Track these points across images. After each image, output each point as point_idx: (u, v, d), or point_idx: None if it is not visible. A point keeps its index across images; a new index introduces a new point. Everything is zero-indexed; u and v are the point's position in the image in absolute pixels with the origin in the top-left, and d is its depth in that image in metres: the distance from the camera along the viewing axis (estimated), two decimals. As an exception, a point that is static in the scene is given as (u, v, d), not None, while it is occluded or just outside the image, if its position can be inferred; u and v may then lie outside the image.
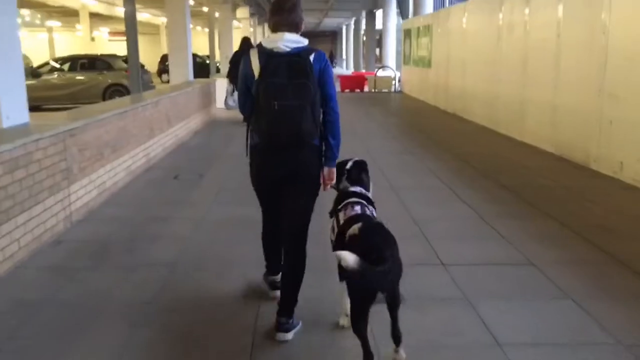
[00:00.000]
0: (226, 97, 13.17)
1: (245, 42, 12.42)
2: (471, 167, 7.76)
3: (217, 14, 20.40)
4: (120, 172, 6.44)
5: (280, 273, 3.38)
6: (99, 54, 19.00)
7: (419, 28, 18.82)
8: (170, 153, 8.67)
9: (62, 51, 36.28)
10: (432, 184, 6.85)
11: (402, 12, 29.59)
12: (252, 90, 3.05)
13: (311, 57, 3.02)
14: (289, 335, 3.12)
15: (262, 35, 37.22)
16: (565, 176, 7.22)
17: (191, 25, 12.44)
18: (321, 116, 3.12)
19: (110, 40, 44.39)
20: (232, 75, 12.20)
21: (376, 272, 2.53)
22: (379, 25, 35.48)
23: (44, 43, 44.79)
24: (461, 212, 5.61)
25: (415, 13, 20.61)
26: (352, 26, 46.07)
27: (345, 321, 3.17)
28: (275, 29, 3.10)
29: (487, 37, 11.71)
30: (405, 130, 11.75)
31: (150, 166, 7.65)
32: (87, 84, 15.87)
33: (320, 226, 3.75)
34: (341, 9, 35.08)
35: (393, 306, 2.73)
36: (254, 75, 3.03)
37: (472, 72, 12.80)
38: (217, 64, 21.16)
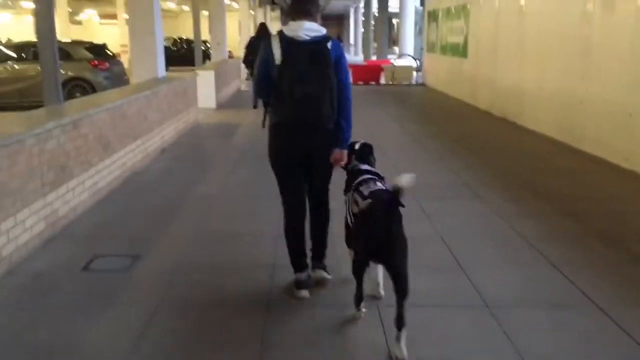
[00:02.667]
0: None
1: (263, 28, 11.90)
2: (598, 234, 4.62)
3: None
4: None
5: (305, 271, 3.52)
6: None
7: (449, 9, 15.57)
8: (102, 200, 5.55)
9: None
10: (557, 287, 3.71)
11: (421, -8, 26.24)
12: (272, 75, 3.21)
13: (328, 45, 3.22)
14: (327, 274, 3.55)
15: (264, 18, 33.91)
16: None
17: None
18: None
19: (102, 24, 40.99)
20: (247, 60, 11.83)
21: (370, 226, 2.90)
22: (392, 7, 32.18)
23: (30, 27, 41.57)
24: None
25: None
26: (361, 9, 42.64)
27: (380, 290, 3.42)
28: (294, 17, 3.30)
29: (565, 17, 8.50)
30: (449, 146, 8.56)
31: (55, 235, 4.53)
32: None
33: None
34: (350, -11, 31.76)
35: (397, 288, 2.83)
36: (274, 61, 3.18)
37: (537, 65, 9.58)
38: (207, 51, 17.99)
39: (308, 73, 3.16)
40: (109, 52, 14.45)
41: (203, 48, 22.17)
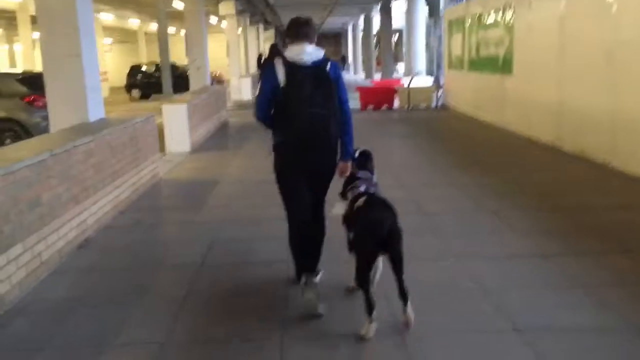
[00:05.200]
0: None
1: (275, 49, 10.58)
2: None
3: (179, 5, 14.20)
4: None
5: (310, 270, 3.62)
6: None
7: (480, 15, 12.59)
8: None
9: (25, 65, 30.08)
10: None
11: (430, 3, 23.48)
12: (277, 97, 3.37)
13: (327, 67, 3.42)
14: (317, 279, 3.58)
15: (256, 38, 31.11)
16: None
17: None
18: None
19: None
20: None
21: (373, 219, 3.14)
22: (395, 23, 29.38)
23: (5, 55, 38.73)
24: None
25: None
26: (360, 25, 39.88)
27: (354, 284, 3.54)
28: (293, 40, 3.48)
29: None
30: (543, 221, 5.47)
31: None
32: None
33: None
34: (349, 3, 28.92)
35: (397, 271, 3.14)
36: (279, 85, 3.36)
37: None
38: (186, 73, 14.97)
39: (313, 95, 3.32)
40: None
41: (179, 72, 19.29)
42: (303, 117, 3.30)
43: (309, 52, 3.39)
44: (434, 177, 7.18)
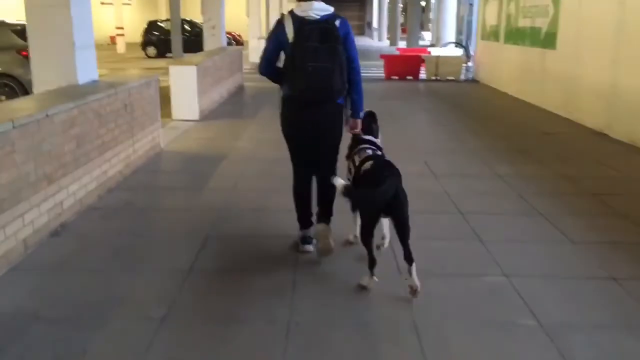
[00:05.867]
0: None
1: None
2: None
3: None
4: None
5: (310, 227, 3.86)
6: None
7: (521, -19, 11.46)
8: None
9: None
10: None
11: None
12: (287, 52, 3.43)
13: (337, 23, 3.44)
14: (327, 226, 3.74)
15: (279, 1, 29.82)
16: None
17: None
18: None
19: (103, 4, 36.89)
20: None
21: (374, 192, 3.14)
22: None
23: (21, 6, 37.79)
24: None
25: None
26: (387, -11, 38.28)
27: (352, 238, 3.87)
28: None
29: None
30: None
31: None
32: None
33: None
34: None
35: (402, 234, 3.21)
36: (287, 40, 3.42)
37: None
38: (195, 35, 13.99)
39: (319, 49, 3.32)
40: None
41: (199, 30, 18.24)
42: (308, 70, 3.33)
43: (317, 8, 3.44)
44: (469, 166, 6.30)
